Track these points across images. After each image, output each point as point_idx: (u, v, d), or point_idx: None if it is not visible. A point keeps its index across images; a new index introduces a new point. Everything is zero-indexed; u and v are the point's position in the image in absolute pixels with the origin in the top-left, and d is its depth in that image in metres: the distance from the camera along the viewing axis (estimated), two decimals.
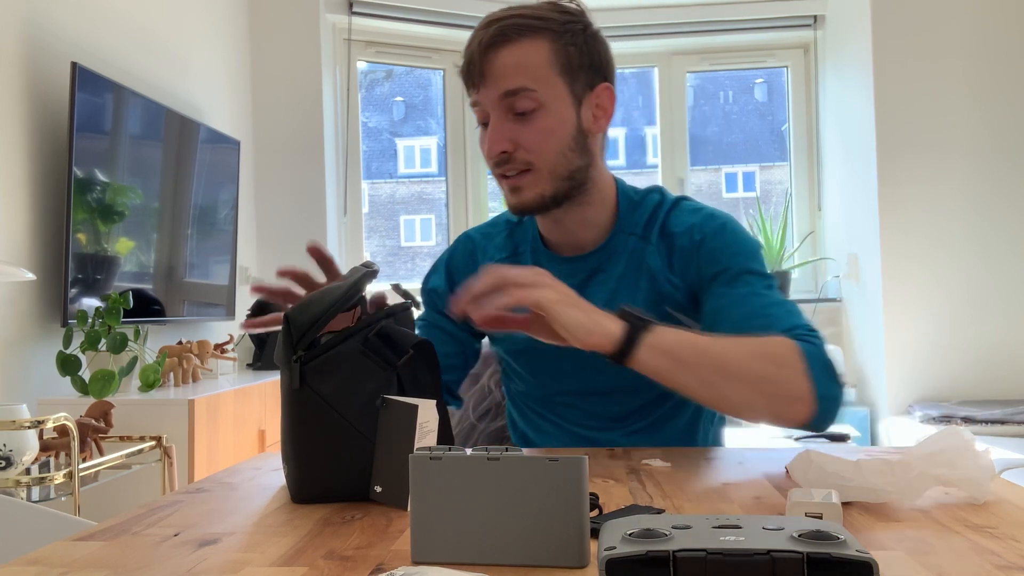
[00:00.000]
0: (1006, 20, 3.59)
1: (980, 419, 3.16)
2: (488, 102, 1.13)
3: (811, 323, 1.13)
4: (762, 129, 5.28)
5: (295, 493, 0.89)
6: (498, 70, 1.12)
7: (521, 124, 1.13)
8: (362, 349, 0.89)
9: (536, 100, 1.12)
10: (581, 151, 1.16)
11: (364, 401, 0.88)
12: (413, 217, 8.33)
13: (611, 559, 0.52)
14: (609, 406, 1.25)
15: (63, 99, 2.43)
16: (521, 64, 1.11)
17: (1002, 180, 3.58)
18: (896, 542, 0.69)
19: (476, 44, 1.13)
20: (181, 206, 2.98)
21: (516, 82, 1.11)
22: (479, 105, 1.15)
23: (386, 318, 0.91)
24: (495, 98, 1.12)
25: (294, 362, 0.87)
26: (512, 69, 1.11)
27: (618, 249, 1.23)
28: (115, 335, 2.35)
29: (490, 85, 1.12)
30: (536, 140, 1.13)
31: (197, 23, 3.31)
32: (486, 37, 1.12)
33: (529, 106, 1.12)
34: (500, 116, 1.13)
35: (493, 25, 1.12)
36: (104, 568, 0.67)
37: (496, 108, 1.13)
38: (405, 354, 0.90)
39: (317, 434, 0.88)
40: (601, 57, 1.18)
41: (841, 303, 4.05)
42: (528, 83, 1.11)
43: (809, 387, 1.01)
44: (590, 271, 1.24)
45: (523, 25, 1.12)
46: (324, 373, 0.87)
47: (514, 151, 1.13)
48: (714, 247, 1.19)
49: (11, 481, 1.81)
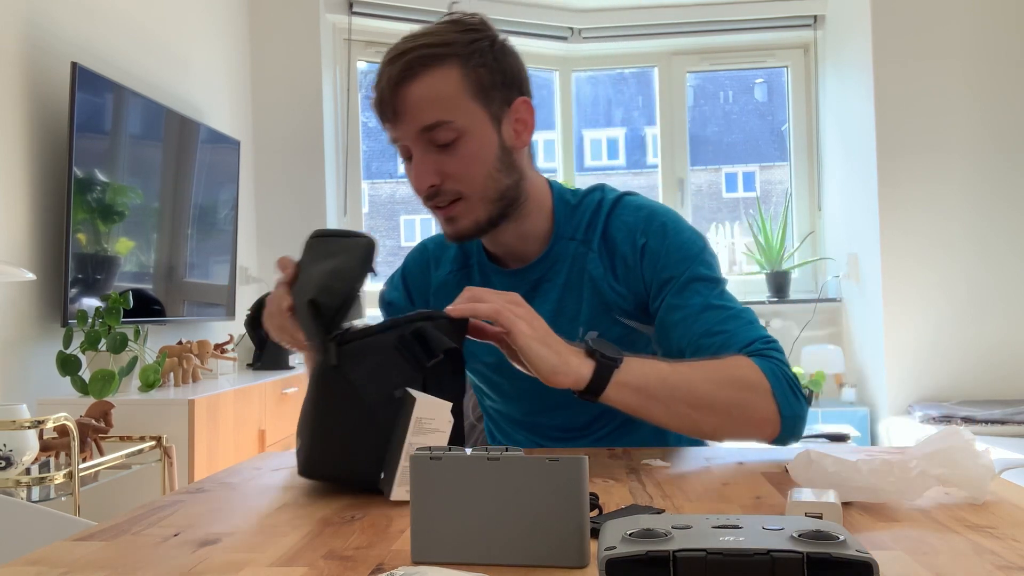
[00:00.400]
0: (1006, 20, 3.59)
1: (980, 419, 3.16)
2: (407, 139, 1.11)
3: (767, 332, 1.13)
4: (762, 129, 5.28)
5: (302, 467, 0.92)
6: (411, 106, 1.08)
7: (445, 155, 1.10)
8: (396, 344, 0.91)
9: (455, 129, 1.09)
10: (508, 170, 1.14)
11: (387, 393, 0.90)
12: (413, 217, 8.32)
13: (611, 559, 0.52)
14: (575, 416, 1.25)
15: (63, 99, 2.43)
16: (434, 96, 1.08)
17: (1002, 180, 3.58)
18: (896, 542, 0.69)
19: (385, 81, 1.09)
20: (181, 206, 2.98)
21: (432, 116, 1.08)
22: (399, 141, 1.12)
23: (425, 320, 0.92)
24: (414, 134, 1.10)
25: (330, 341, 0.90)
26: (426, 103, 1.08)
27: (560, 256, 1.22)
28: (115, 335, 2.35)
29: (406, 122, 1.09)
30: (462, 169, 1.11)
31: (197, 23, 3.31)
32: (394, 73, 1.08)
33: (450, 137, 1.09)
34: (422, 150, 1.10)
35: (399, 60, 1.08)
36: (104, 568, 0.67)
37: (417, 143, 1.10)
38: (435, 357, 0.91)
39: (336, 415, 0.90)
40: (513, 71, 1.15)
41: (841, 303, 4.05)
42: (444, 115, 1.08)
43: (775, 408, 1.04)
44: (534, 282, 1.23)
45: (429, 55, 1.08)
46: (356, 358, 0.90)
47: (442, 183, 1.11)
48: (658, 253, 1.16)
49: (11, 481, 1.81)
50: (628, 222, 1.19)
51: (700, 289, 1.14)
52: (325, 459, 0.91)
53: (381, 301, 1.37)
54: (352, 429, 0.90)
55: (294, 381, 3.06)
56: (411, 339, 0.91)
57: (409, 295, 1.34)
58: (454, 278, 1.29)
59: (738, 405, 1.03)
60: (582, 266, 1.20)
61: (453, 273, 1.30)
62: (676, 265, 1.15)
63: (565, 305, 1.21)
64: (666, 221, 1.19)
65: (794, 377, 1.07)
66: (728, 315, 1.12)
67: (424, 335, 0.91)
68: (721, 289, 1.16)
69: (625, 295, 1.19)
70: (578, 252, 1.21)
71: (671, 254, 1.16)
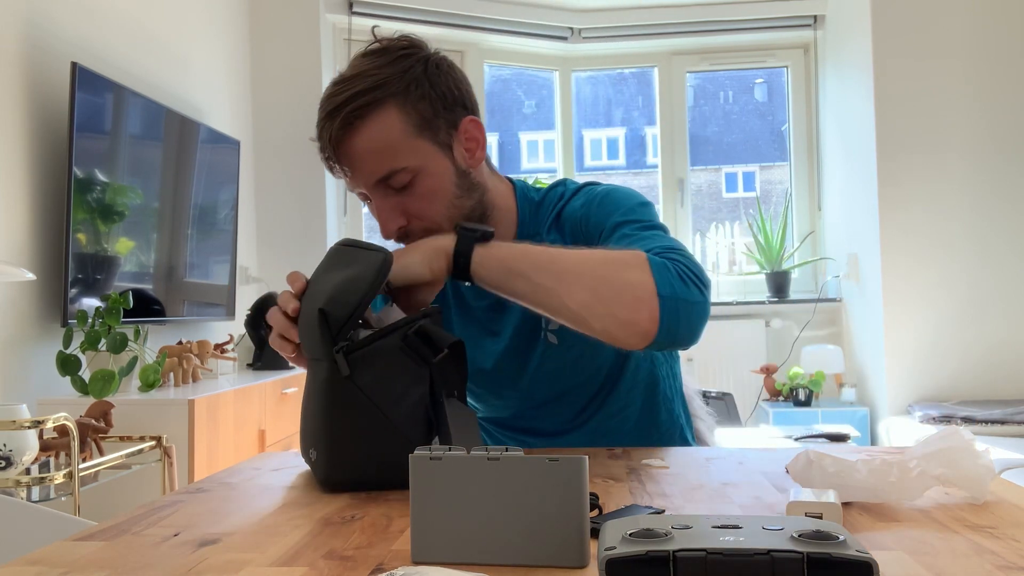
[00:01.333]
0: (1006, 20, 3.59)
1: (980, 419, 3.16)
2: (365, 188, 1.10)
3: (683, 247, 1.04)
4: (762, 129, 5.28)
5: (325, 479, 0.93)
6: (359, 160, 1.07)
7: (405, 196, 1.09)
8: (402, 345, 0.92)
9: (409, 172, 1.07)
10: (469, 191, 1.13)
11: (399, 393, 0.92)
12: None
13: (611, 559, 0.52)
14: (560, 410, 1.26)
15: (63, 99, 2.43)
16: (379, 147, 1.06)
17: (1002, 180, 3.58)
18: (896, 542, 0.69)
19: (327, 139, 1.07)
20: (181, 206, 2.98)
21: (383, 167, 1.07)
22: (356, 191, 1.12)
23: (423, 318, 0.94)
24: (370, 185, 1.09)
25: (337, 352, 0.91)
26: (372, 155, 1.06)
27: None
28: (115, 335, 2.35)
29: (358, 175, 1.08)
30: (424, 206, 1.09)
31: (197, 23, 3.31)
32: (334, 132, 1.06)
33: (405, 180, 1.08)
34: (381, 197, 1.09)
35: (336, 115, 1.06)
36: (104, 568, 0.67)
37: (375, 192, 1.09)
38: (440, 352, 0.93)
39: (353, 423, 0.91)
40: (452, 91, 1.11)
41: (841, 303, 4.05)
42: (395, 163, 1.07)
43: (652, 286, 0.94)
44: None
45: (364, 104, 1.05)
46: (364, 365, 0.92)
47: (408, 223, 1.10)
48: (596, 214, 1.15)
49: (11, 481, 1.81)
50: (574, 204, 1.19)
51: (625, 230, 1.10)
52: (348, 468, 0.92)
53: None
54: (369, 434, 0.91)
55: (294, 381, 3.06)
56: (415, 339, 0.92)
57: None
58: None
59: (606, 279, 0.95)
60: None
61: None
62: (606, 218, 1.13)
63: None
64: (606, 190, 1.17)
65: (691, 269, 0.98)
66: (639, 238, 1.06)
67: (428, 333, 0.93)
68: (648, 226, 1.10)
69: None
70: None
71: (602, 210, 1.14)
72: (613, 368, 1.23)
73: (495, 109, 4.56)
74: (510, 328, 1.22)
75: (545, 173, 4.95)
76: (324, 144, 1.09)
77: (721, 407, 3.21)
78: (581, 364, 1.21)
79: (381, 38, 1.12)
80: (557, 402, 1.25)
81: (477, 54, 4.18)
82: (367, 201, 1.13)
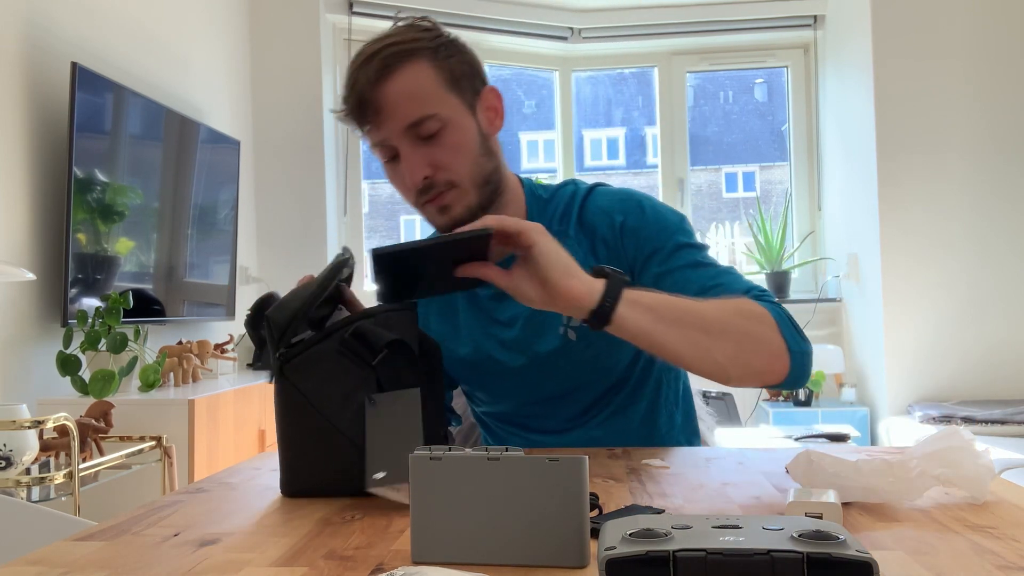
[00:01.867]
0: (1006, 20, 3.59)
1: (980, 419, 3.16)
2: (393, 136, 1.11)
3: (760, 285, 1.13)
4: (762, 129, 5.28)
5: (283, 486, 0.93)
6: (393, 103, 1.09)
7: (432, 146, 1.11)
8: (339, 348, 0.91)
9: (439, 120, 1.11)
10: (489, 155, 1.17)
11: (343, 399, 0.90)
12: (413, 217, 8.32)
13: (611, 559, 0.52)
14: (566, 406, 1.25)
15: (63, 99, 2.43)
16: (413, 90, 1.10)
17: (1002, 180, 3.58)
18: (896, 542, 0.69)
19: (364, 82, 1.09)
20: (181, 206, 2.98)
21: (415, 112, 1.09)
22: (382, 143, 1.12)
23: (364, 318, 0.93)
24: (399, 131, 1.10)
25: (276, 359, 0.91)
26: (407, 98, 1.09)
27: None
28: (115, 335, 2.35)
29: (391, 120, 1.10)
30: (450, 157, 1.12)
31: (197, 23, 3.31)
32: (372, 73, 1.09)
33: (435, 128, 1.10)
34: (410, 145, 1.11)
35: (373, 59, 1.09)
36: (104, 568, 0.67)
37: (403, 140, 1.11)
38: (379, 353, 0.91)
39: (299, 430, 0.91)
40: (474, 62, 1.18)
41: (841, 303, 4.05)
42: (427, 108, 1.10)
43: (783, 343, 1.02)
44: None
45: (400, 51, 1.10)
46: (304, 371, 0.91)
47: (433, 174, 1.12)
48: (638, 227, 1.17)
49: (11, 481, 1.81)
50: (603, 205, 1.21)
51: (686, 254, 1.15)
52: (303, 476, 0.91)
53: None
54: (315, 441, 0.90)
55: None
56: (352, 340, 0.91)
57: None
58: None
59: (748, 334, 1.01)
60: None
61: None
62: (658, 237, 1.16)
63: None
64: (641, 199, 1.21)
65: (794, 319, 1.07)
66: (719, 271, 1.13)
67: (363, 333, 0.91)
68: (705, 252, 1.17)
69: None
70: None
71: (651, 227, 1.17)
72: (626, 368, 1.24)
73: None
74: (520, 319, 1.22)
75: (545, 173, 4.95)
76: (359, 89, 1.09)
77: (721, 407, 3.21)
78: (597, 362, 1.21)
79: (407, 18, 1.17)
80: (564, 398, 1.25)
81: (477, 54, 4.17)
82: (389, 159, 1.14)
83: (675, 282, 1.12)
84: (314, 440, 0.90)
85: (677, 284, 1.11)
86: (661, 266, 1.14)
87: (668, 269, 1.14)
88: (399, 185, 1.15)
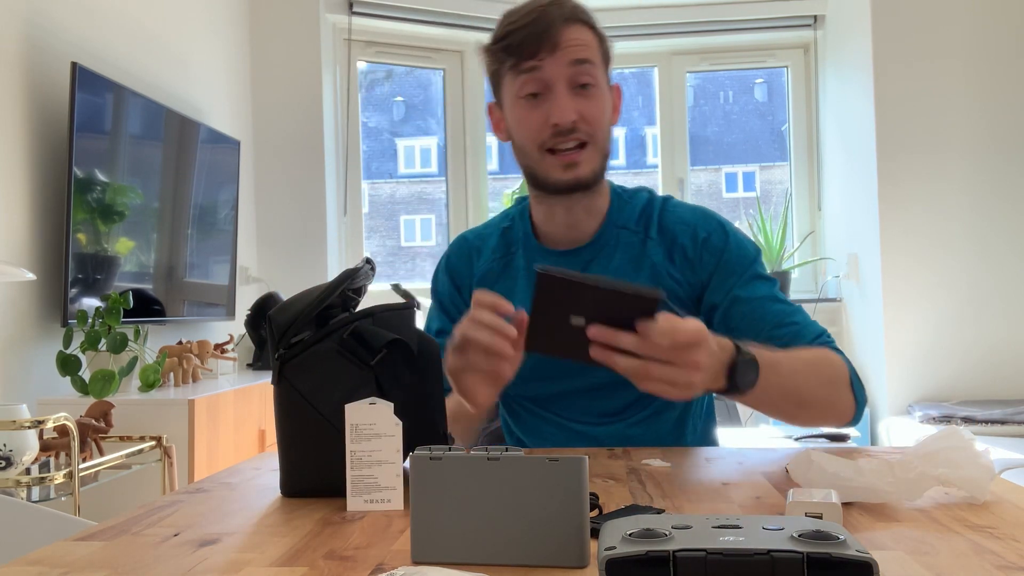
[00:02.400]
0: (1006, 20, 3.59)
1: (980, 419, 3.16)
2: (556, 70, 1.17)
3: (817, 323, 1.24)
4: (762, 129, 5.28)
5: (283, 487, 0.93)
6: (570, 41, 1.18)
7: (582, 98, 1.19)
8: (338, 349, 0.91)
9: (594, 76, 1.20)
10: (609, 136, 1.24)
11: (341, 399, 0.90)
12: (413, 217, 8.33)
13: (611, 559, 0.52)
14: (608, 401, 1.26)
15: (63, 99, 2.43)
16: (587, 42, 1.20)
17: (1002, 180, 3.58)
18: (896, 542, 0.69)
19: (555, 14, 1.18)
20: (181, 206, 2.98)
21: (584, 54, 1.18)
22: (538, 72, 1.18)
23: (364, 318, 0.93)
24: (564, 65, 1.17)
25: (275, 360, 0.92)
26: (579, 46, 1.18)
27: (610, 243, 1.28)
28: (115, 335, 2.35)
29: (563, 53, 1.17)
30: (596, 114, 1.20)
31: (197, 23, 3.31)
32: (566, 11, 1.19)
33: (590, 80, 1.19)
34: (565, 88, 1.18)
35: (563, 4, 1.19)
36: (104, 568, 0.67)
37: (562, 78, 1.18)
38: (378, 353, 0.91)
39: (298, 430, 0.91)
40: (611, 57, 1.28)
41: (841, 303, 4.05)
42: (592, 57, 1.20)
43: (853, 401, 1.17)
44: (583, 264, 1.27)
45: (580, 12, 1.21)
46: (303, 371, 0.91)
47: (578, 122, 1.18)
48: (721, 248, 1.24)
49: (11, 481, 1.81)
50: (684, 217, 1.28)
51: (762, 286, 1.23)
52: (303, 476, 0.91)
53: (433, 294, 1.42)
54: (313, 442, 0.90)
55: None
56: (350, 341, 0.91)
57: (455, 284, 1.38)
58: (498, 266, 1.34)
59: (831, 402, 1.15)
60: (641, 253, 1.26)
61: (496, 262, 1.34)
62: (738, 262, 1.24)
63: None
64: (722, 221, 1.29)
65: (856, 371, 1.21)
66: (793, 309, 1.23)
67: (362, 334, 0.92)
68: (777, 287, 1.26)
69: (681, 283, 1.25)
70: (632, 240, 1.27)
71: (732, 251, 1.25)
72: None
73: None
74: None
75: None
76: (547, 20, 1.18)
77: (721, 407, 3.21)
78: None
79: None
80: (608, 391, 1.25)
81: (477, 54, 4.17)
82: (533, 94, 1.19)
83: (752, 310, 1.21)
84: (314, 440, 0.90)
85: (755, 313, 1.20)
86: (740, 291, 1.22)
87: (746, 297, 1.22)
88: (534, 121, 1.20)
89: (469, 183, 4.18)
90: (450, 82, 4.17)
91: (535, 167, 1.23)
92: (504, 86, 1.24)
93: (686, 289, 1.25)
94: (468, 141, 4.16)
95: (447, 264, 1.40)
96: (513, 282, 1.31)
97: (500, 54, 1.21)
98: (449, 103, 4.18)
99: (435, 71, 4.23)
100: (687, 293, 1.25)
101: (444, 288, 1.39)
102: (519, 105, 1.21)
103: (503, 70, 1.23)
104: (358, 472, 0.85)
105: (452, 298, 1.37)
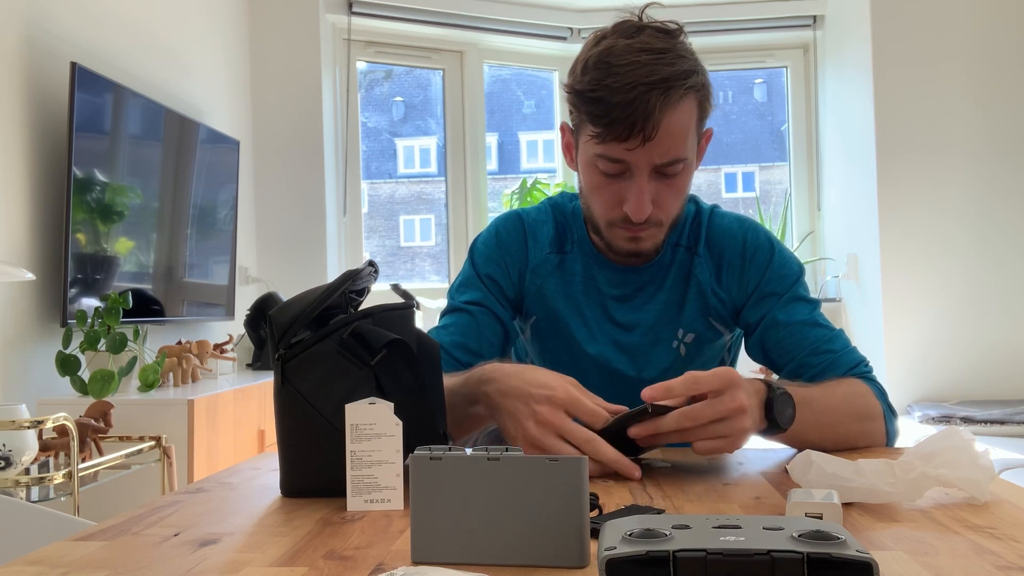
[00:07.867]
0: (1006, 22, 3.59)
1: (980, 419, 3.16)
2: (644, 163, 1.09)
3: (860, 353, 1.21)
4: (762, 129, 5.28)
5: (283, 487, 0.93)
6: (664, 136, 1.06)
7: (663, 184, 1.12)
8: (338, 349, 0.91)
9: (684, 164, 1.12)
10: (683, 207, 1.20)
11: (341, 399, 0.90)
12: (413, 217, 8.33)
13: (611, 559, 0.52)
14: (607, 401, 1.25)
15: (63, 99, 2.43)
16: (685, 128, 1.09)
17: (1002, 180, 3.58)
18: (896, 542, 0.69)
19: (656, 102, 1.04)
20: (181, 206, 2.98)
21: (675, 151, 1.09)
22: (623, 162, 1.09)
23: (363, 318, 0.93)
24: (653, 162, 1.09)
25: (276, 360, 0.91)
26: (674, 137, 1.08)
27: (667, 261, 1.26)
28: (115, 335, 2.35)
29: (656, 151, 1.08)
30: (672, 200, 1.14)
31: (197, 23, 3.31)
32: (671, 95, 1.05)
33: (679, 170, 1.11)
34: (650, 177, 1.10)
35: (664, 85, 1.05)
36: (104, 568, 0.67)
37: (647, 170, 1.10)
38: (378, 354, 0.91)
39: (298, 430, 0.91)
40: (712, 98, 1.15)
41: (841, 303, 4.05)
42: (681, 151, 1.10)
43: (885, 432, 1.16)
44: (642, 284, 1.26)
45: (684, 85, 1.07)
46: (303, 371, 0.91)
47: (652, 211, 1.12)
48: (765, 264, 1.22)
49: (11, 481, 1.81)
50: (730, 229, 1.25)
51: (802, 308, 1.20)
52: (303, 476, 0.91)
53: (478, 277, 1.30)
54: (314, 442, 0.90)
55: None
56: (350, 341, 0.91)
57: (505, 267, 1.29)
58: (554, 259, 1.29)
59: (862, 435, 1.13)
60: (688, 271, 1.25)
61: (552, 255, 1.29)
62: (781, 281, 1.21)
63: (669, 308, 1.25)
64: (769, 235, 1.26)
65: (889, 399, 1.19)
66: (831, 335, 1.19)
67: (362, 334, 0.91)
68: (819, 309, 1.22)
69: (725, 300, 1.24)
70: (683, 258, 1.25)
71: (777, 269, 1.22)
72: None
73: (494, 109, 4.56)
74: (643, 326, 1.25)
75: (544, 173, 4.95)
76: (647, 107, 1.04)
77: None
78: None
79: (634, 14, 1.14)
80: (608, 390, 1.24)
81: (476, 54, 4.18)
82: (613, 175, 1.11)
83: (789, 335, 1.18)
84: (314, 440, 0.90)
85: (791, 338, 1.18)
86: (778, 312, 1.19)
87: (784, 320, 1.19)
88: (607, 197, 1.14)
89: (469, 183, 4.18)
90: (449, 82, 4.17)
91: (600, 226, 1.19)
92: (582, 134, 1.14)
93: (728, 305, 1.24)
94: (467, 141, 4.16)
95: (497, 237, 1.31)
96: (568, 286, 1.27)
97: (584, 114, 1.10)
98: (448, 103, 4.18)
99: (434, 71, 4.23)
100: (729, 308, 1.24)
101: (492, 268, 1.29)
102: (595, 170, 1.13)
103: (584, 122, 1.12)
104: (358, 472, 0.85)
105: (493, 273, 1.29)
